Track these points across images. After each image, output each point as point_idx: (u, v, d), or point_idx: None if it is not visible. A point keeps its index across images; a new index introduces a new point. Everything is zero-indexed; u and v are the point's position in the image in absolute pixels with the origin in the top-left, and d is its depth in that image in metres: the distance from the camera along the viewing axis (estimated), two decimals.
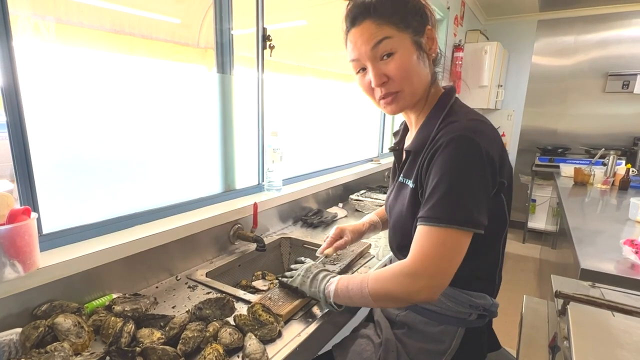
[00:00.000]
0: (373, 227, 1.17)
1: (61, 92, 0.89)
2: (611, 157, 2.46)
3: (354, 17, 0.78)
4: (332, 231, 1.13)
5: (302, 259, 1.00)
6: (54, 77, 0.87)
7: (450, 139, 0.72)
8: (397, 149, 0.95)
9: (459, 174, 0.70)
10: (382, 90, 0.80)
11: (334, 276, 0.87)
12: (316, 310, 0.92)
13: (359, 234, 1.15)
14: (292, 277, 0.94)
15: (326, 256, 1.10)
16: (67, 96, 0.90)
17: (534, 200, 3.97)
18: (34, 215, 0.76)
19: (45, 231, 0.88)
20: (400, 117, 0.95)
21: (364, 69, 0.82)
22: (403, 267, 0.73)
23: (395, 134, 1.01)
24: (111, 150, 1.01)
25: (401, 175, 0.88)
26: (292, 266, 0.98)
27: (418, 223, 0.74)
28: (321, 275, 0.89)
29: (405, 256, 0.75)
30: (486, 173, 0.71)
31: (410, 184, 0.81)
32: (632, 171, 2.45)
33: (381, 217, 1.20)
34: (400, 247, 0.89)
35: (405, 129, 0.98)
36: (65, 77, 0.89)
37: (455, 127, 0.74)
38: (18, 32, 0.79)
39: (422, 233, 0.72)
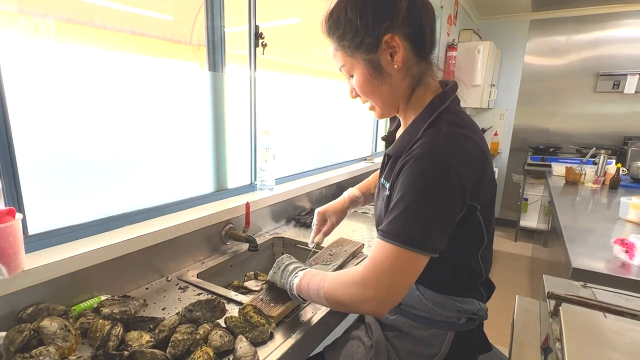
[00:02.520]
0: (355, 203, 1.15)
1: (48, 88, 0.86)
2: (602, 157, 2.49)
3: (324, 32, 0.82)
4: (314, 218, 1.11)
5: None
6: (40, 73, 0.85)
7: (421, 154, 0.68)
8: (389, 140, 0.94)
9: (422, 194, 0.66)
10: (360, 101, 0.85)
11: (302, 269, 0.87)
12: (308, 312, 0.91)
13: (342, 213, 1.13)
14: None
15: (317, 244, 1.09)
16: (54, 93, 0.88)
17: (526, 199, 4.00)
18: (18, 216, 0.75)
19: (31, 232, 0.85)
20: None
21: None
22: (355, 274, 0.72)
23: (392, 119, 0.97)
24: (100, 149, 0.99)
25: (383, 177, 0.86)
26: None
27: (377, 235, 0.72)
28: (291, 267, 0.89)
29: None
30: (453, 196, 0.67)
31: (387, 189, 0.79)
32: (622, 170, 2.48)
33: (363, 191, 1.17)
34: None
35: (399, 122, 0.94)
36: (52, 74, 0.87)
37: (431, 140, 0.69)
38: (3, 27, 0.77)
39: (378, 245, 0.70)
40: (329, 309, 0.92)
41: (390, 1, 0.71)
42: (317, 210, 1.12)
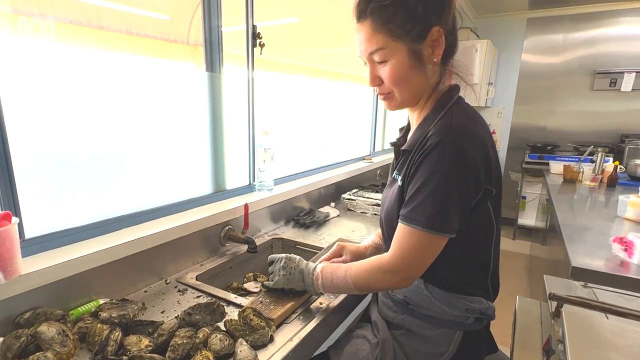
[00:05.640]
0: (376, 250, 1.09)
1: (44, 89, 0.85)
2: (599, 155, 2.49)
3: (358, 13, 0.78)
4: (334, 246, 1.09)
5: (273, 257, 0.97)
6: (36, 73, 0.84)
7: (437, 143, 0.72)
8: (397, 145, 0.93)
9: (441, 180, 0.71)
10: (377, 89, 0.84)
11: (315, 267, 0.90)
12: (309, 313, 0.91)
13: (358, 256, 1.07)
14: (273, 280, 0.93)
15: None
16: (51, 94, 0.87)
17: (524, 197, 4.01)
18: (14, 220, 0.74)
19: (27, 236, 0.85)
20: (403, 113, 0.93)
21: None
22: (383, 263, 0.80)
23: (401, 129, 0.99)
24: (97, 150, 0.98)
25: (395, 171, 0.89)
26: (269, 269, 0.97)
27: (399, 220, 0.78)
28: (302, 266, 0.91)
29: (390, 245, 0.82)
30: (468, 180, 0.72)
31: (399, 180, 0.82)
32: (620, 168, 2.49)
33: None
34: (388, 237, 0.91)
35: (409, 125, 0.95)
36: (49, 74, 0.86)
37: (444, 129, 0.74)
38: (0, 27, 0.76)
39: (402, 232, 0.77)
40: (329, 311, 0.92)
41: (433, 7, 0.74)
42: (338, 242, 1.10)
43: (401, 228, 0.77)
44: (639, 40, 3.52)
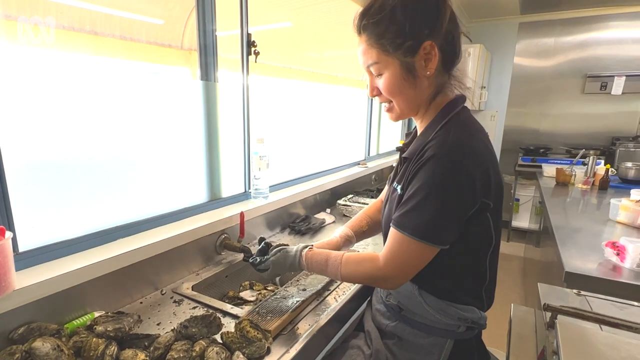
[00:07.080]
0: (348, 242, 1.11)
1: (36, 100, 0.85)
2: (591, 158, 2.52)
3: (356, 29, 0.82)
4: None
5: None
6: (28, 82, 0.83)
7: (433, 154, 0.73)
8: (404, 150, 0.94)
9: (432, 191, 0.73)
10: (379, 100, 0.87)
11: (304, 247, 0.94)
12: (306, 324, 0.91)
13: (334, 246, 1.08)
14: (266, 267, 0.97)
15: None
16: (43, 103, 0.86)
17: (518, 200, 4.04)
18: (8, 234, 0.73)
19: (21, 249, 0.84)
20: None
21: None
22: (375, 270, 0.81)
23: (407, 135, 1.00)
24: (91, 160, 0.98)
25: (395, 180, 0.89)
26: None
27: (391, 223, 0.79)
28: (293, 250, 0.97)
29: None
30: (462, 193, 0.73)
31: (399, 190, 0.83)
32: (611, 171, 2.52)
33: (355, 230, 1.14)
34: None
35: (417, 132, 0.96)
36: (41, 83, 0.85)
37: (441, 142, 0.75)
38: None
39: (392, 235, 0.79)
40: (325, 322, 0.92)
41: (437, 11, 0.75)
42: (311, 245, 1.10)
43: (392, 231, 0.79)
44: (629, 44, 3.57)
